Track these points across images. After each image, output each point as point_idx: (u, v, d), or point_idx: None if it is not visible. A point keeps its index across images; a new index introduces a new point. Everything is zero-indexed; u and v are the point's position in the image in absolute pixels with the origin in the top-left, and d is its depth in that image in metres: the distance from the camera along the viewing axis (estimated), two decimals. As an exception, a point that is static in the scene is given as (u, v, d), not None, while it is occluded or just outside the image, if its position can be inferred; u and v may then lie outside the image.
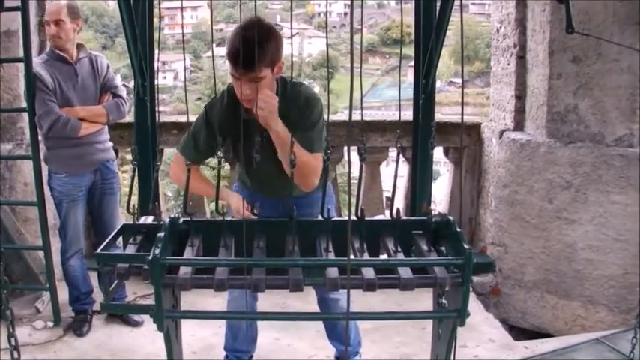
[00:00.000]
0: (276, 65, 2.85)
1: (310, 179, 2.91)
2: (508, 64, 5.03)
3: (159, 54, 4.97)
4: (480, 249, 5.26)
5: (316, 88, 43.80)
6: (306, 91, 3.07)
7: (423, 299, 2.75)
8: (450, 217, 2.24)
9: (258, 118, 2.75)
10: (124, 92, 4.35)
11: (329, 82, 3.88)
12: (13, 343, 2.28)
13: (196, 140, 3.05)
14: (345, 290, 3.04)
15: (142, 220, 2.54)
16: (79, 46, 4.18)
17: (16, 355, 2.29)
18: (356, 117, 5.40)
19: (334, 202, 3.80)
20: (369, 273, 2.08)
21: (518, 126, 4.94)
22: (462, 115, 2.20)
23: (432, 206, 4.57)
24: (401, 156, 2.58)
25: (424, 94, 5.01)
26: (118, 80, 4.54)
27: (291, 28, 6.23)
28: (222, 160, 2.55)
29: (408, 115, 5.37)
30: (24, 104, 4.37)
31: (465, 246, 2.02)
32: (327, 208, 2.37)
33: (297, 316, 3.38)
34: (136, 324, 4.36)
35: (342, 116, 6.95)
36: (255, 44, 2.59)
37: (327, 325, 3.59)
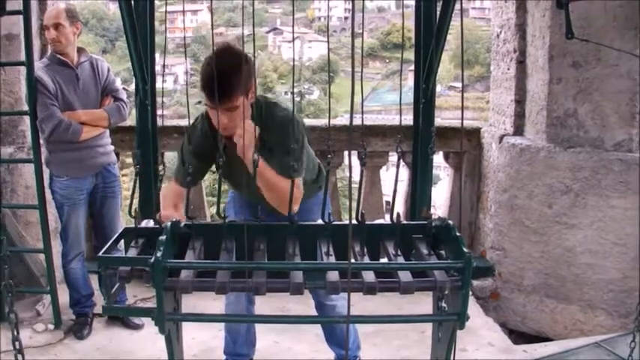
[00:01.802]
0: (249, 91, 2.86)
1: (285, 205, 2.69)
2: (508, 69, 5.05)
3: (164, 58, 4.98)
4: (480, 253, 5.27)
5: (316, 92, 43.84)
6: (281, 112, 3.05)
7: (422, 303, 2.76)
8: (450, 222, 2.24)
9: (236, 146, 2.76)
10: (124, 95, 4.37)
11: (330, 87, 3.89)
12: (17, 346, 2.29)
13: (185, 164, 3.06)
14: (342, 296, 3.06)
15: (144, 223, 2.55)
16: (80, 50, 4.20)
17: (20, 358, 2.30)
18: (356, 121, 5.42)
19: (331, 207, 3.81)
20: (369, 277, 2.09)
21: (518, 130, 4.96)
22: (462, 119, 2.21)
23: (432, 210, 4.58)
24: (401, 160, 2.58)
25: (424, 99, 5.02)
26: (119, 83, 4.55)
27: (293, 32, 6.25)
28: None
29: (408, 119, 5.38)
30: (25, 107, 4.39)
31: (465, 250, 2.03)
32: (326, 213, 2.38)
33: (297, 320, 3.39)
34: (137, 327, 4.37)
35: (342, 120, 6.96)
36: (227, 75, 2.60)
37: (326, 329, 3.60)
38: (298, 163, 2.96)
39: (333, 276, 2.09)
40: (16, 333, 2.32)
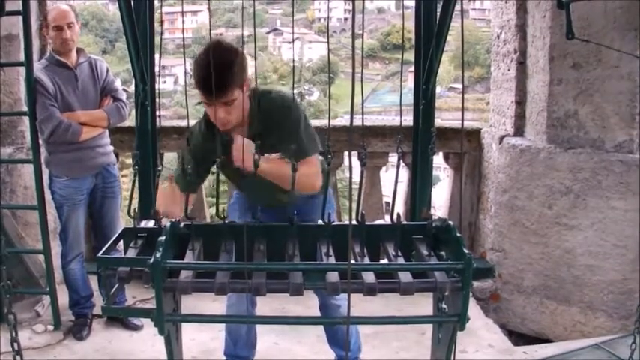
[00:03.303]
0: (244, 84, 2.86)
1: (312, 186, 2.97)
2: (508, 70, 5.04)
3: (159, 58, 4.98)
4: (480, 254, 5.26)
5: (316, 93, 43.75)
6: (277, 98, 3.04)
7: (422, 304, 2.76)
8: (451, 222, 2.24)
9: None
10: (124, 96, 4.36)
11: (330, 88, 3.89)
12: (16, 347, 2.28)
13: (184, 169, 3.00)
14: (346, 296, 3.06)
15: (143, 224, 2.55)
16: (79, 51, 4.19)
17: (18, 359, 2.29)
18: (356, 122, 5.41)
19: (334, 207, 3.80)
20: (369, 277, 2.08)
21: (519, 131, 4.95)
22: (463, 120, 2.21)
23: (432, 211, 4.58)
24: (401, 161, 2.59)
25: (424, 100, 5.02)
26: (118, 84, 4.54)
27: (293, 33, 6.26)
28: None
29: (407, 120, 5.38)
30: (25, 108, 4.38)
31: (465, 250, 2.03)
32: (327, 213, 2.37)
33: (298, 321, 3.39)
34: (136, 328, 4.36)
35: (342, 121, 6.94)
36: (220, 69, 2.60)
37: (328, 330, 3.60)
38: (309, 141, 2.98)
39: (334, 277, 2.09)
40: (14, 334, 2.32)
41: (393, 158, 4.44)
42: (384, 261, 2.37)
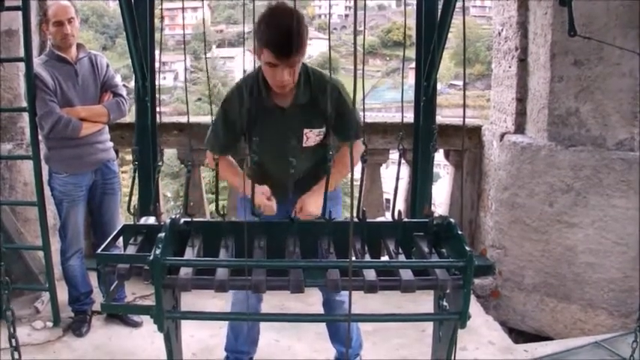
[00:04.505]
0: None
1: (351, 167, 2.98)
2: (509, 67, 5.03)
3: (160, 54, 4.96)
4: (480, 251, 5.25)
5: (316, 90, 43.94)
6: (328, 77, 3.10)
7: (421, 301, 2.76)
8: (452, 220, 2.23)
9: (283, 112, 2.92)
10: (124, 91, 4.35)
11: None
12: (14, 344, 2.28)
13: (217, 135, 3.10)
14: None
15: (143, 220, 2.54)
16: (79, 46, 4.18)
17: (16, 355, 2.28)
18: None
19: (341, 202, 3.78)
20: (370, 275, 2.07)
21: (519, 129, 4.94)
22: (464, 117, 2.20)
23: (432, 208, 4.57)
24: (401, 158, 2.60)
25: (425, 97, 5.00)
26: (118, 79, 4.53)
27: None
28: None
29: (407, 117, 5.35)
30: (24, 104, 4.37)
31: (467, 248, 2.02)
32: (336, 208, 2.37)
33: (298, 318, 3.38)
34: (136, 325, 4.35)
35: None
36: (298, 29, 2.66)
37: (330, 327, 3.58)
38: (357, 121, 3.04)
39: (334, 274, 2.08)
40: (12, 330, 2.31)
41: (394, 155, 4.42)
42: (385, 258, 2.37)
